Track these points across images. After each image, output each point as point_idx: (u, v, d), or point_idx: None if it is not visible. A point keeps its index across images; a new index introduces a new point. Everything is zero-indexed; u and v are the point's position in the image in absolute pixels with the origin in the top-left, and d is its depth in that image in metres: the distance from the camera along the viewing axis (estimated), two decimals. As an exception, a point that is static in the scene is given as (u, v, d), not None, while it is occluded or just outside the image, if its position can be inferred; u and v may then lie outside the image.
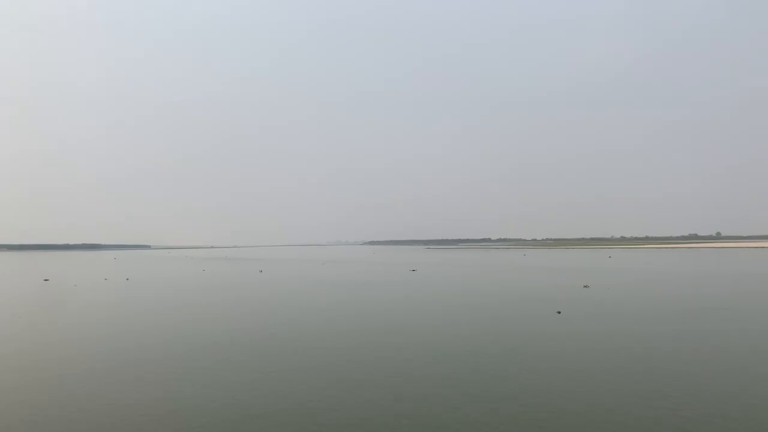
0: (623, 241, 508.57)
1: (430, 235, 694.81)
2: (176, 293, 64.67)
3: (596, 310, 43.05)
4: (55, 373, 23.86)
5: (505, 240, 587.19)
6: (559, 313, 40.71)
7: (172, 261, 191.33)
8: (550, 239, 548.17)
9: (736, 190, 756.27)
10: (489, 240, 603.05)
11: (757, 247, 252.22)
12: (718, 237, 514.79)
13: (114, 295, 63.21)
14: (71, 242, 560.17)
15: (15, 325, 38.69)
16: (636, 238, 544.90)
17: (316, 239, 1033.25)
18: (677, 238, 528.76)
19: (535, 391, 20.08)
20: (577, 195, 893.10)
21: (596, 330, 33.38)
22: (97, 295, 63.55)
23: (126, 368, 24.64)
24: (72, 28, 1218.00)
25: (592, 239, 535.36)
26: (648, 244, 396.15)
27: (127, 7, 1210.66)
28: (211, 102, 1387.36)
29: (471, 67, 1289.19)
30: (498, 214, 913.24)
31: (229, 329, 35.41)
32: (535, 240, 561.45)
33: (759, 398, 19.21)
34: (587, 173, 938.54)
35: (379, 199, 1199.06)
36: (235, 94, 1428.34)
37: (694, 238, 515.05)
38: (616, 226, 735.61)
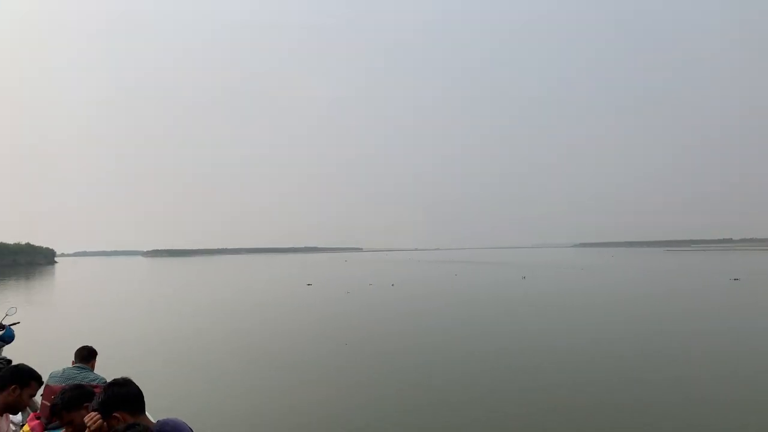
0: None
1: (638, 236, 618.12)
2: (477, 302, 54.41)
3: None
4: None
5: (751, 240, 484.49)
6: None
7: (404, 264, 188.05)
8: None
9: None
10: (730, 240, 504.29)
11: None
12: None
13: (403, 300, 56.87)
14: (295, 245, 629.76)
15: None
16: None
17: (516, 241, 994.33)
18: None
19: None
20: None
21: None
22: (392, 302, 56.39)
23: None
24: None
25: None
26: None
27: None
28: (414, 110, 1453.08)
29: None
30: (725, 209, 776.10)
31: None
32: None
33: None
34: None
35: (584, 197, 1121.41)
36: (442, 98, 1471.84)
37: None
38: None
